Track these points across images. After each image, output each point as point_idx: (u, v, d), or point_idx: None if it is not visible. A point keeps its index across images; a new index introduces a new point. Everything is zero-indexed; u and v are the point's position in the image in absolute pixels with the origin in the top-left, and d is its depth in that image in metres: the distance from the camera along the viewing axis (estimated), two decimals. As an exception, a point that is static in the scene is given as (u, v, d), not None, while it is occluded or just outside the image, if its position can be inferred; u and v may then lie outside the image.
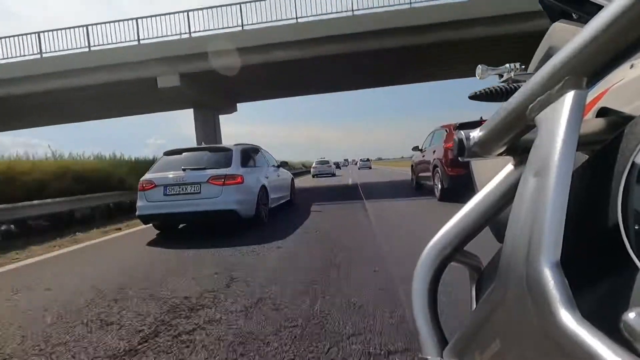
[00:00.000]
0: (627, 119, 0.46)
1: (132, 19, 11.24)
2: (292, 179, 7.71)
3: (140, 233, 5.26)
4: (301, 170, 33.00)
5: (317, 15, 10.63)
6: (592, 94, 0.80)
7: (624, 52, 0.33)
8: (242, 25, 10.90)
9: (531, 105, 0.40)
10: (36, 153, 9.71)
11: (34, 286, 2.92)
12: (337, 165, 39.66)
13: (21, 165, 7.41)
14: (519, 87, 0.64)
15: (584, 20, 0.73)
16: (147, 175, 4.88)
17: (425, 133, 8.14)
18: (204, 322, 1.99)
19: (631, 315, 0.25)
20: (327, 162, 25.51)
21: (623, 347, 0.24)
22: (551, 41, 0.75)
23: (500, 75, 0.79)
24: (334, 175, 23.33)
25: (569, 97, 0.35)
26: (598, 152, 0.40)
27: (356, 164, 63.26)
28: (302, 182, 16.13)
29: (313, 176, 23.68)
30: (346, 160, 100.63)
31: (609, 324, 0.27)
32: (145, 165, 8.52)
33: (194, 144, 9.87)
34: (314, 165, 25.51)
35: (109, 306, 2.34)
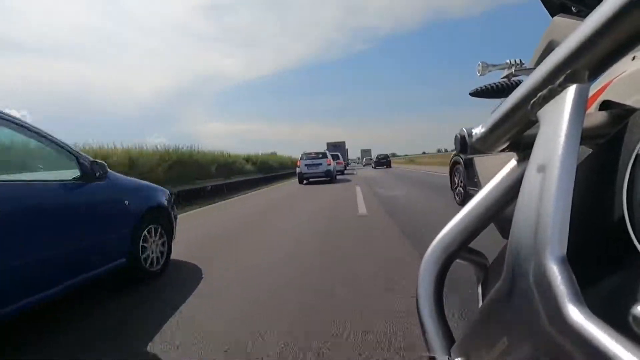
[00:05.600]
0: (630, 111, 0.46)
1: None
2: None
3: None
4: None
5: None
6: (594, 87, 0.79)
7: (625, 44, 0.32)
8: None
9: (533, 101, 0.40)
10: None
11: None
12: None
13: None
14: (520, 82, 0.64)
15: (583, 13, 0.73)
16: None
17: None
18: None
19: None
20: (321, 155, 14.01)
21: (633, 342, 0.24)
22: (551, 35, 0.75)
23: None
24: (331, 180, 13.72)
25: (571, 91, 0.35)
26: (602, 146, 0.40)
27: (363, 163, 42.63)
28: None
29: (300, 182, 14.03)
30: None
31: (617, 319, 0.27)
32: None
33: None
34: (299, 163, 14.26)
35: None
